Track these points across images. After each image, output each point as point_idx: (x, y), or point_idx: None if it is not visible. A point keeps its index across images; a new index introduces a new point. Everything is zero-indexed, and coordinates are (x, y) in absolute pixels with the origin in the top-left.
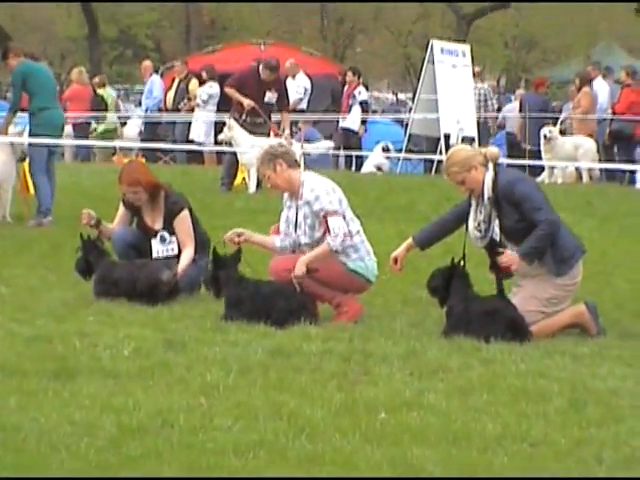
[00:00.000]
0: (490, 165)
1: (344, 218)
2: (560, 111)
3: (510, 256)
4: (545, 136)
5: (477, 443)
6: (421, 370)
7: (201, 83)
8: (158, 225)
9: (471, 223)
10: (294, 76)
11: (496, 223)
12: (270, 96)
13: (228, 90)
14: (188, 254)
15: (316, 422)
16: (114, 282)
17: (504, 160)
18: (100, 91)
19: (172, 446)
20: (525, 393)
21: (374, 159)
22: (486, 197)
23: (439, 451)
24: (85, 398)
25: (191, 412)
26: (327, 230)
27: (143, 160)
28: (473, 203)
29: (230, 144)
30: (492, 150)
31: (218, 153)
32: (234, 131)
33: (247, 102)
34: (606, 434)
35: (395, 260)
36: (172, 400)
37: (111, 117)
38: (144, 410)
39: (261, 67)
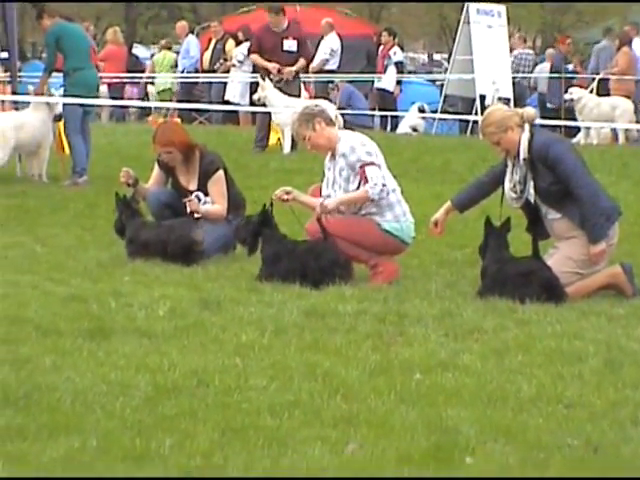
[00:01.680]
0: (526, 126)
1: (380, 169)
2: (574, 70)
3: (595, 251)
4: (568, 100)
5: (512, 404)
6: (456, 331)
7: (237, 43)
8: (193, 185)
9: (507, 184)
10: (325, 36)
11: (531, 185)
12: (289, 44)
13: (252, 57)
14: (218, 208)
15: (351, 382)
16: (143, 243)
17: (539, 121)
18: (163, 53)
19: (207, 406)
20: (560, 354)
21: (410, 120)
22: (522, 158)
23: (474, 412)
24: (120, 358)
25: (226, 372)
26: (364, 180)
27: (178, 120)
28: (509, 164)
29: (264, 104)
30: (529, 111)
31: (253, 114)
32: (268, 91)
33: (272, 65)
34: None
35: (435, 223)
36: (207, 360)
37: (166, 78)
38: (179, 370)
39: (268, 18)
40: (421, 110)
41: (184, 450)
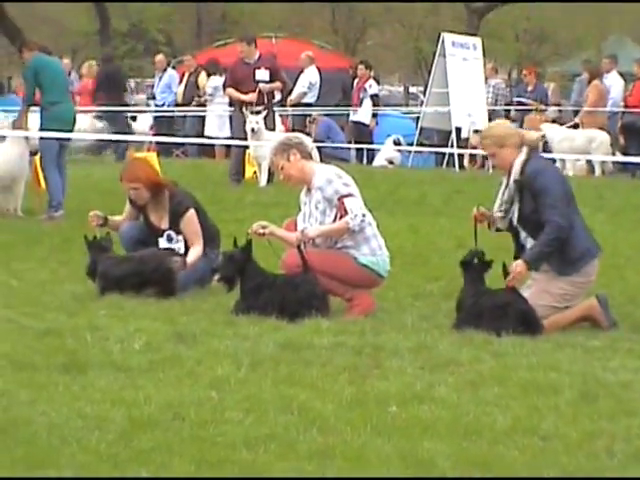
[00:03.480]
0: (524, 149)
1: (359, 200)
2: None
3: (520, 266)
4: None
5: (488, 436)
6: (432, 363)
7: (208, 74)
8: (164, 224)
9: (497, 201)
10: (305, 69)
11: (516, 207)
12: (261, 74)
13: (228, 91)
14: (196, 251)
15: (327, 415)
16: (118, 278)
17: None
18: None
19: (183, 439)
20: (536, 386)
21: (385, 153)
22: (512, 179)
23: (450, 444)
24: (96, 392)
25: (202, 405)
26: (344, 211)
27: (154, 154)
28: (504, 181)
29: (256, 135)
30: (531, 135)
31: (227, 147)
32: (260, 123)
33: (248, 97)
34: (617, 427)
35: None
36: (183, 393)
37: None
38: (155, 404)
39: (239, 48)
40: (396, 143)
41: None
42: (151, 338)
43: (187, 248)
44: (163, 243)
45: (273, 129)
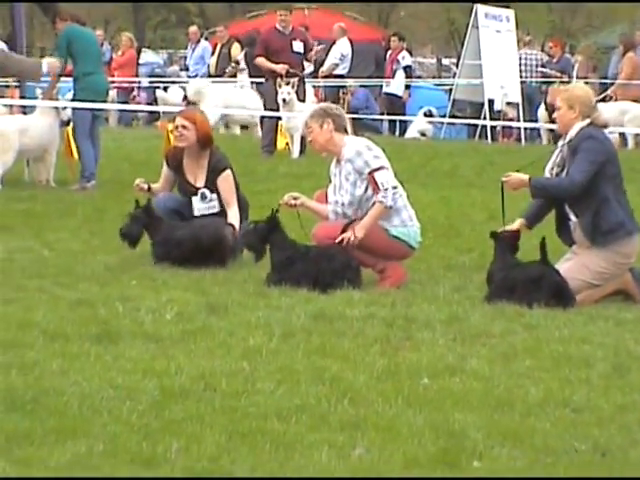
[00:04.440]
0: (588, 120)
1: (389, 171)
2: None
3: (514, 174)
4: None
5: (519, 408)
6: (464, 335)
7: (242, 47)
8: (200, 182)
9: (549, 164)
10: (337, 40)
11: (566, 173)
12: (298, 46)
13: (258, 61)
14: (235, 214)
15: (358, 387)
16: (177, 243)
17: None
18: None
19: (214, 410)
20: (568, 359)
21: (418, 124)
22: (567, 139)
23: (481, 416)
24: (127, 362)
25: (233, 376)
26: (375, 187)
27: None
28: (559, 145)
29: (288, 106)
30: (601, 115)
31: (261, 118)
32: (293, 94)
33: (280, 67)
34: None
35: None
36: (214, 364)
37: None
38: (186, 374)
39: (277, 17)
40: (428, 115)
41: (191, 454)
42: (183, 309)
43: (222, 208)
44: (197, 202)
45: (304, 100)
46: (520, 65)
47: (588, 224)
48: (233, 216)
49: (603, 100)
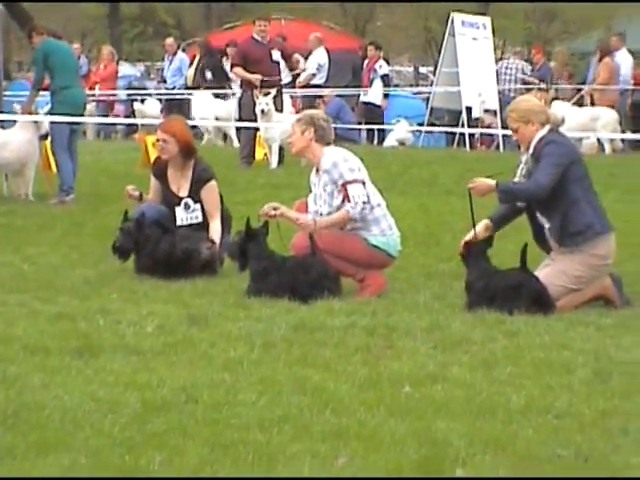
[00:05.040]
0: (547, 126)
1: (363, 186)
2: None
3: (481, 180)
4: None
5: (501, 415)
6: (445, 343)
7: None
8: (183, 192)
9: (515, 178)
10: (313, 50)
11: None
12: (276, 55)
13: (236, 71)
14: (217, 227)
15: (340, 396)
16: (152, 256)
17: None
18: None
19: (196, 422)
20: (549, 365)
21: (397, 133)
22: (530, 152)
23: (463, 424)
24: (109, 375)
25: (215, 388)
26: (347, 198)
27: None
28: (523, 158)
29: (267, 116)
30: (556, 115)
31: (237, 129)
32: (270, 105)
33: (255, 77)
34: (631, 405)
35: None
36: (196, 376)
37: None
38: (168, 386)
39: (253, 26)
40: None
41: (174, 466)
42: (164, 321)
43: (205, 218)
44: (180, 212)
45: (282, 110)
46: (502, 75)
47: (557, 228)
48: (215, 229)
49: (579, 104)
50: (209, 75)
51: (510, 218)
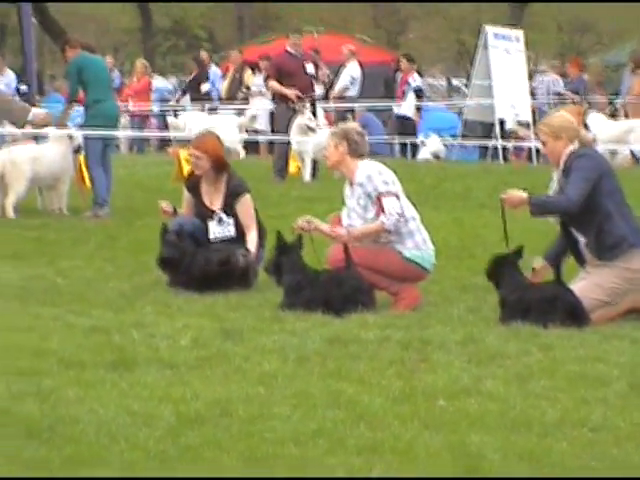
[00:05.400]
0: (576, 142)
1: (398, 199)
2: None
3: (514, 192)
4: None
5: (536, 429)
6: (479, 356)
7: (253, 71)
8: (216, 205)
9: (550, 193)
10: (346, 63)
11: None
12: (310, 67)
13: (270, 84)
14: (254, 237)
15: (375, 410)
16: (187, 268)
17: None
18: None
19: (231, 436)
20: (584, 378)
21: (431, 147)
22: (560, 168)
23: (498, 437)
24: (143, 389)
25: (249, 401)
26: (381, 210)
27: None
28: (554, 176)
29: (310, 130)
30: (588, 135)
31: (271, 142)
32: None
33: (292, 92)
34: None
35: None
36: (230, 390)
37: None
38: (202, 400)
39: (287, 40)
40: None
41: None
42: (198, 334)
43: (238, 233)
44: (213, 226)
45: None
46: (538, 90)
47: (593, 241)
48: (251, 239)
49: (612, 116)
50: (205, 88)
51: (564, 254)
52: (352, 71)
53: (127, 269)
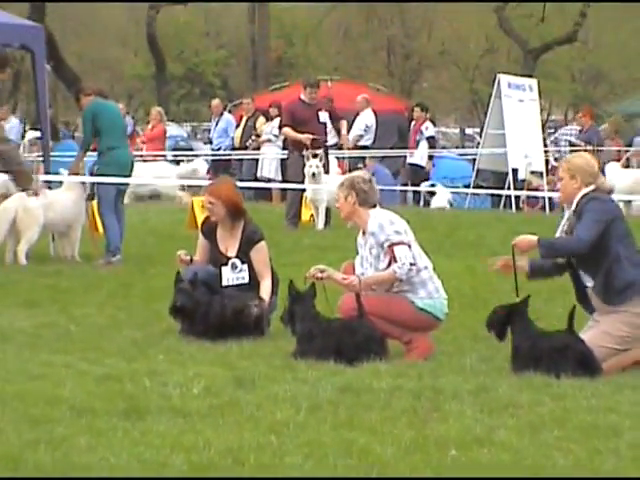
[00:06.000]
0: (592, 186)
1: (409, 248)
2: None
3: (523, 237)
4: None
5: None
6: (492, 406)
7: (267, 119)
8: (231, 252)
9: (557, 234)
10: (361, 112)
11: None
12: (324, 116)
13: (284, 131)
14: (268, 285)
15: (387, 459)
16: (202, 316)
17: None
18: None
19: None
20: (596, 428)
21: (445, 195)
22: (572, 209)
23: None
24: (155, 437)
25: (261, 450)
26: (393, 259)
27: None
28: (566, 214)
29: (315, 178)
30: (606, 182)
31: (283, 190)
32: (321, 167)
33: (305, 137)
34: None
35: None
36: (242, 438)
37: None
38: (214, 448)
39: (303, 90)
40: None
41: None
42: (210, 383)
43: (252, 280)
44: (227, 272)
45: (327, 172)
46: (557, 141)
47: (601, 284)
48: (265, 288)
49: (625, 166)
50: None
51: (548, 271)
52: (366, 119)
53: (140, 317)
